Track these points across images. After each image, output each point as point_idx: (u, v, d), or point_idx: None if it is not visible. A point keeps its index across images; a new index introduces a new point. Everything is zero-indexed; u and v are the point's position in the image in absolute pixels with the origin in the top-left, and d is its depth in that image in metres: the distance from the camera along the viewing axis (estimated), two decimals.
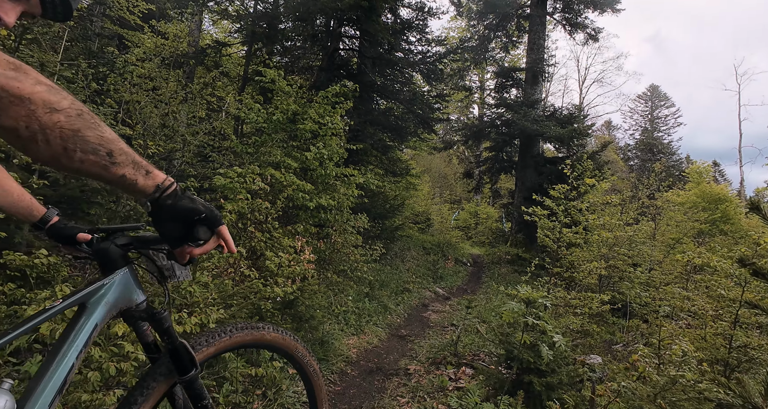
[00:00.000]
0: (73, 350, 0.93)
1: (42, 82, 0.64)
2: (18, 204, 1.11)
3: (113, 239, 1.10)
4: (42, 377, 0.87)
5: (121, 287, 1.06)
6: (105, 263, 1.07)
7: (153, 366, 1.15)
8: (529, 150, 13.10)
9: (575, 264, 6.00)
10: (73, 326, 0.96)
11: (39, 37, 5.20)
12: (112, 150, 0.70)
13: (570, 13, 14.82)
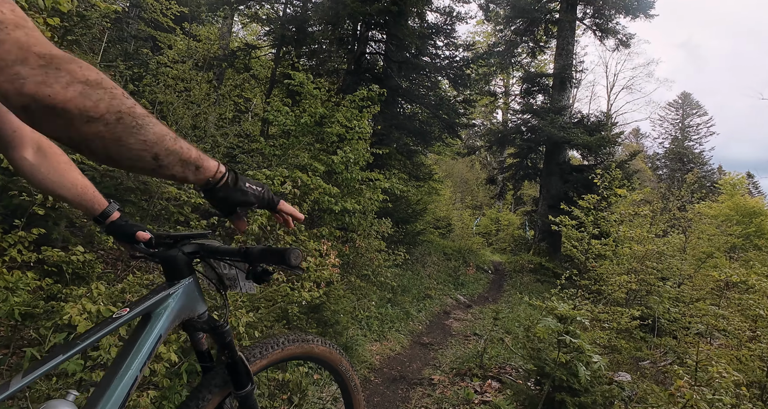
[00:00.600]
0: (137, 362, 0.90)
1: (76, 80, 0.55)
2: (82, 196, 1.11)
3: (181, 247, 1.07)
4: (105, 389, 0.85)
5: (185, 297, 1.04)
6: (171, 270, 1.05)
7: (207, 377, 1.14)
8: (554, 157, 12.86)
9: (604, 277, 5.83)
10: (136, 337, 0.93)
11: (80, 39, 5.37)
12: (157, 153, 0.66)
13: (601, 18, 14.52)
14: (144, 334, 0.94)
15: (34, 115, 0.55)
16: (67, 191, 1.08)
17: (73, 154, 1.08)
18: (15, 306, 2.25)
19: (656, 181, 31.02)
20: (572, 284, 6.31)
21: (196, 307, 1.08)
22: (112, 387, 0.85)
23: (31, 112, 0.54)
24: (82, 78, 0.56)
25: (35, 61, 0.53)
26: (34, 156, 1.02)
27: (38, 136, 1.03)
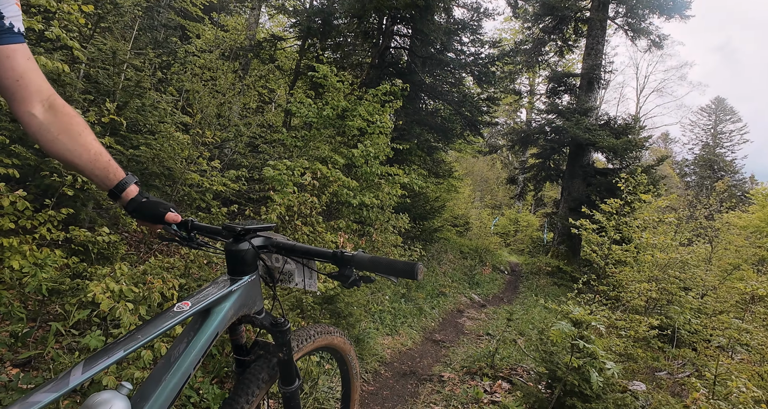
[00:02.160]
0: (192, 358, 0.86)
1: None
2: (94, 163, 0.99)
3: (251, 240, 1.02)
4: (157, 384, 0.81)
5: (246, 294, 1.00)
6: (236, 265, 1.00)
7: (253, 371, 1.09)
8: (578, 159, 12.60)
9: (623, 283, 5.71)
10: (193, 332, 0.89)
11: (112, 26, 5.50)
12: None
13: (633, 17, 14.08)
14: (201, 330, 0.89)
15: None
16: (78, 157, 0.97)
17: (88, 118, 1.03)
18: (43, 282, 2.34)
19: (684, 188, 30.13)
20: (590, 289, 6.19)
21: (255, 303, 1.04)
22: (164, 383, 0.81)
23: None
24: None
25: None
26: (44, 114, 0.92)
27: (50, 92, 0.93)
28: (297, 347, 1.19)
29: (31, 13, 3.50)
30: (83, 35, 4.41)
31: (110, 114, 3.29)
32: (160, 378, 0.82)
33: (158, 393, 0.80)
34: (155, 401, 0.79)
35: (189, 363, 0.85)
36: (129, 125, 3.87)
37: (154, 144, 3.76)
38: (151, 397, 0.79)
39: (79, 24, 4.06)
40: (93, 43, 4.42)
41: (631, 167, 11.56)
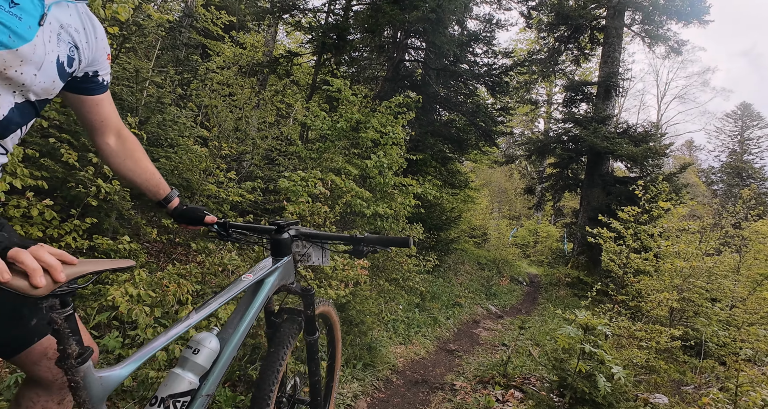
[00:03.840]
0: (253, 312, 1.28)
1: None
2: (149, 181, 1.28)
3: (287, 230, 1.43)
4: (233, 327, 1.24)
5: (284, 269, 1.41)
6: (278, 249, 1.41)
7: (285, 327, 1.47)
8: (597, 168, 12.43)
9: (643, 293, 5.57)
10: (253, 295, 1.31)
11: (136, 46, 5.79)
12: None
13: (650, 24, 13.94)
14: (258, 293, 1.31)
15: None
16: (137, 176, 1.26)
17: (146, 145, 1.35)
18: None
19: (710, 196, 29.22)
20: (609, 299, 6.05)
21: (290, 276, 1.46)
22: (237, 327, 1.23)
23: None
24: None
25: None
26: (115, 142, 1.21)
27: (120, 125, 1.22)
28: None
29: None
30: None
31: (132, 128, 3.46)
32: (234, 324, 1.25)
33: (233, 334, 1.22)
34: (231, 339, 1.21)
35: (251, 316, 1.27)
36: (150, 139, 4.05)
37: (173, 157, 3.92)
38: (230, 336, 1.22)
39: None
40: (118, 63, 4.66)
41: (653, 175, 11.33)
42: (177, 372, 1.15)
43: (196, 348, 1.16)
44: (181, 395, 1.11)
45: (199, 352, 1.15)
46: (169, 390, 1.10)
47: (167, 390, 1.11)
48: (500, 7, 10.92)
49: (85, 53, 1.00)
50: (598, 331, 2.30)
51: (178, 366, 1.17)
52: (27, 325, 0.98)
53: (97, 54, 1.04)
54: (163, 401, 1.08)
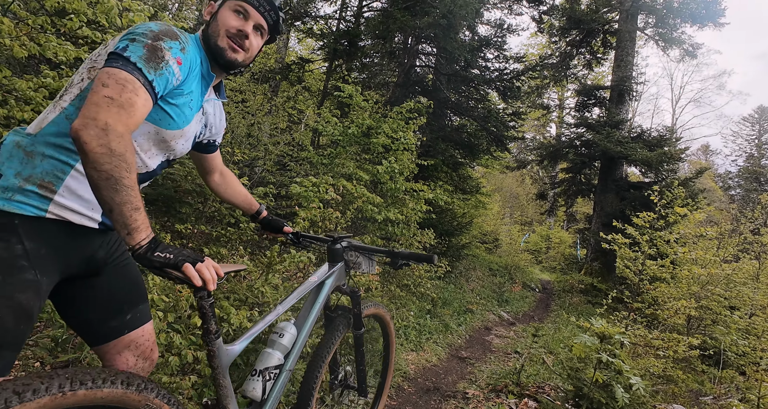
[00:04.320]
0: (319, 305, 1.64)
1: (106, 145, 0.91)
2: (244, 201, 1.74)
3: (341, 242, 1.77)
4: (304, 318, 1.60)
5: (338, 274, 1.74)
6: (334, 256, 1.75)
7: (338, 321, 1.78)
8: (610, 173, 12.26)
9: (659, 301, 5.45)
10: (317, 293, 1.65)
11: None
12: (112, 208, 0.92)
13: (664, 28, 13.77)
14: (321, 292, 1.65)
15: (75, 141, 0.91)
16: (235, 199, 1.72)
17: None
18: None
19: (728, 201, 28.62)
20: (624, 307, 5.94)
21: (342, 279, 1.78)
22: (307, 318, 1.60)
23: (74, 139, 0.91)
24: (110, 145, 0.91)
25: (102, 124, 0.91)
26: (219, 178, 1.66)
27: (222, 167, 1.66)
28: (362, 309, 1.88)
29: (79, 43, 3.81)
30: None
31: None
32: (305, 315, 1.61)
33: (305, 323, 1.58)
34: (304, 326, 1.57)
35: (317, 309, 1.62)
36: None
37: (187, 162, 3.96)
38: (302, 324, 1.58)
39: None
40: None
41: (668, 180, 11.14)
42: (268, 351, 1.48)
43: (281, 333, 1.51)
44: (273, 369, 1.44)
45: (284, 336, 1.50)
46: (264, 364, 1.44)
47: (263, 364, 1.44)
48: (511, 12, 10.90)
49: (211, 130, 1.44)
50: (615, 340, 2.25)
51: (268, 347, 1.49)
52: (123, 318, 1.25)
53: (219, 130, 1.50)
54: (261, 373, 1.42)
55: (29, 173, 1.01)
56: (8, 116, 2.88)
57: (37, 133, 1.05)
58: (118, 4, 3.08)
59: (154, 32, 1.06)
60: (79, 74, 1.10)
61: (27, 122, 2.98)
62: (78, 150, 0.91)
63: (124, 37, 1.04)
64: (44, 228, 1.02)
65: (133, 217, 0.93)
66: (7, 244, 0.97)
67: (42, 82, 2.92)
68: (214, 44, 1.22)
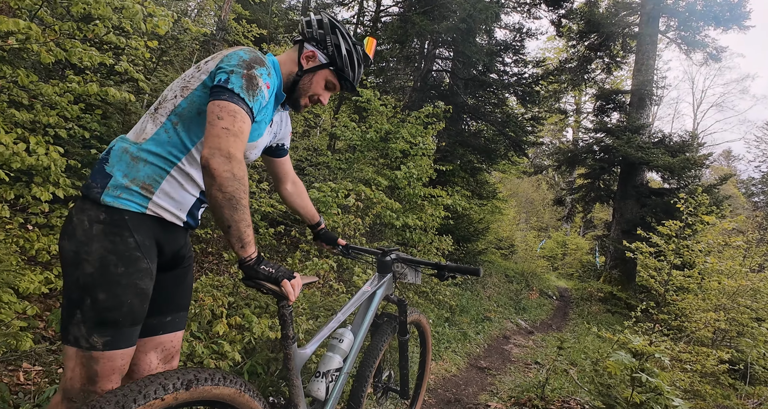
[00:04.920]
0: (371, 313, 1.75)
1: (230, 170, 1.07)
2: (309, 212, 1.85)
3: (389, 255, 1.88)
4: (358, 325, 1.70)
5: (387, 284, 1.85)
6: (383, 267, 1.87)
7: (384, 327, 1.91)
8: (630, 179, 12.01)
9: (686, 312, 5.27)
10: (369, 302, 1.77)
11: (173, 59, 5.94)
12: (230, 226, 1.08)
13: (687, 30, 13.48)
14: (373, 301, 1.77)
15: (203, 168, 1.06)
16: (302, 209, 1.82)
17: None
18: None
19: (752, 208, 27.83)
20: (648, 318, 5.76)
21: (391, 289, 1.89)
22: (361, 325, 1.70)
23: (203, 166, 1.06)
24: (233, 170, 1.06)
25: (225, 153, 1.07)
26: (291, 187, 1.76)
27: (294, 176, 1.77)
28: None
29: (104, 49, 3.84)
30: (147, 68, 4.79)
31: None
32: (359, 323, 1.71)
33: (359, 330, 1.69)
34: (359, 332, 1.68)
35: (369, 317, 1.74)
36: None
37: None
38: (358, 330, 1.69)
39: (144, 58, 4.42)
40: (156, 75, 4.79)
41: (690, 187, 10.87)
42: (329, 355, 1.58)
43: (340, 338, 1.62)
44: (334, 371, 1.55)
45: (343, 341, 1.61)
46: (327, 367, 1.55)
47: (326, 367, 1.55)
48: (530, 16, 10.77)
49: (278, 135, 1.57)
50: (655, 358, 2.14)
51: (329, 350, 1.60)
52: (163, 319, 1.34)
53: (285, 134, 1.61)
54: (324, 375, 1.53)
55: (134, 176, 1.16)
56: (34, 121, 2.90)
57: (141, 143, 1.20)
58: (142, 9, 3.09)
59: (247, 61, 1.20)
60: (171, 91, 1.25)
61: (52, 127, 3.00)
62: (206, 175, 1.06)
63: (223, 70, 1.18)
64: (146, 222, 1.18)
65: (246, 232, 1.08)
66: (123, 238, 1.13)
67: (67, 87, 2.94)
68: (296, 97, 1.42)
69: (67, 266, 1.12)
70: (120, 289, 1.12)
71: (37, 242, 2.56)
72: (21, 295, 2.35)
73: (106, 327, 1.11)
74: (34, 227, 2.64)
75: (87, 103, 3.48)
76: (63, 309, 1.14)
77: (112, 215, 1.14)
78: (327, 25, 1.39)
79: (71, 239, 1.13)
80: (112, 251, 1.12)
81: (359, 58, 1.44)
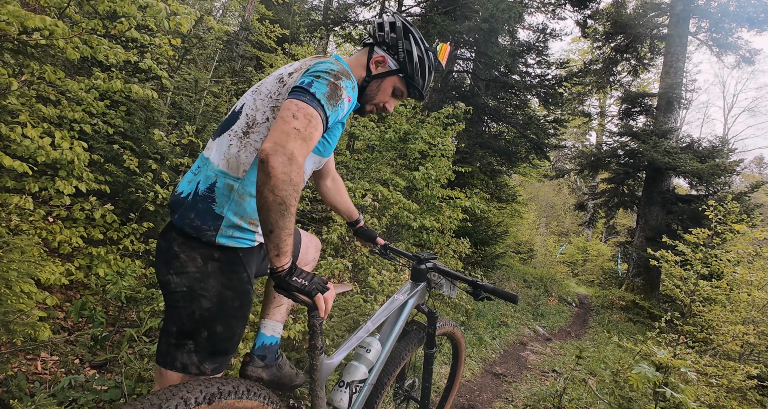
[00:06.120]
0: (401, 323, 1.68)
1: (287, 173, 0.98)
2: (347, 209, 1.82)
3: (425, 263, 1.79)
4: (386, 335, 1.64)
5: (420, 293, 1.77)
6: (418, 276, 1.78)
7: (411, 335, 1.84)
8: (656, 185, 11.65)
9: (714, 325, 5.06)
10: (400, 311, 1.69)
11: (196, 58, 6.03)
12: (272, 231, 1.00)
13: (719, 32, 13.02)
14: (404, 310, 1.69)
15: (262, 162, 0.97)
16: (341, 205, 1.79)
17: None
18: (123, 290, 2.51)
19: None
20: (672, 329, 5.56)
21: (423, 299, 1.81)
22: (389, 334, 1.64)
23: (261, 160, 0.97)
24: (290, 174, 0.98)
25: (289, 153, 0.98)
26: (331, 183, 1.73)
27: (334, 172, 1.74)
28: (437, 328, 1.91)
29: (129, 47, 3.91)
30: (171, 66, 4.87)
31: (189, 136, 3.55)
32: (388, 332, 1.65)
33: (388, 339, 1.63)
34: (387, 342, 1.62)
35: (399, 326, 1.66)
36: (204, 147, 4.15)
37: None
38: (386, 340, 1.63)
39: (168, 56, 4.48)
40: (179, 73, 4.86)
41: (720, 194, 10.48)
42: (355, 364, 1.54)
43: (368, 348, 1.57)
44: (359, 382, 1.51)
45: (370, 351, 1.57)
46: (352, 377, 1.51)
47: (350, 377, 1.51)
48: (554, 16, 10.57)
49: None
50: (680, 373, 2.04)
51: (355, 360, 1.55)
52: None
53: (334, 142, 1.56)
54: (348, 385, 1.49)
55: (242, 213, 1.17)
56: (60, 116, 2.97)
57: (243, 178, 1.18)
58: (165, 7, 3.12)
59: (335, 72, 1.16)
60: (261, 113, 1.20)
61: (77, 122, 3.07)
62: (261, 171, 0.98)
63: (309, 73, 1.14)
64: (253, 254, 1.23)
65: (286, 241, 1.02)
66: (238, 274, 1.17)
67: (93, 83, 3.00)
68: (363, 102, 1.38)
69: (179, 300, 1.13)
70: (235, 321, 1.17)
71: (59, 234, 2.61)
72: (41, 285, 2.40)
73: (219, 356, 1.17)
74: (56, 220, 2.69)
75: (111, 100, 3.55)
76: (167, 335, 1.15)
77: (227, 254, 1.16)
78: (400, 28, 1.33)
79: (181, 275, 1.12)
80: (228, 287, 1.15)
81: (431, 65, 1.38)
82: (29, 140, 2.39)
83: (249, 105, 1.22)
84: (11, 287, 1.90)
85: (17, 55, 2.62)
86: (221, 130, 1.25)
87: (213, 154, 1.22)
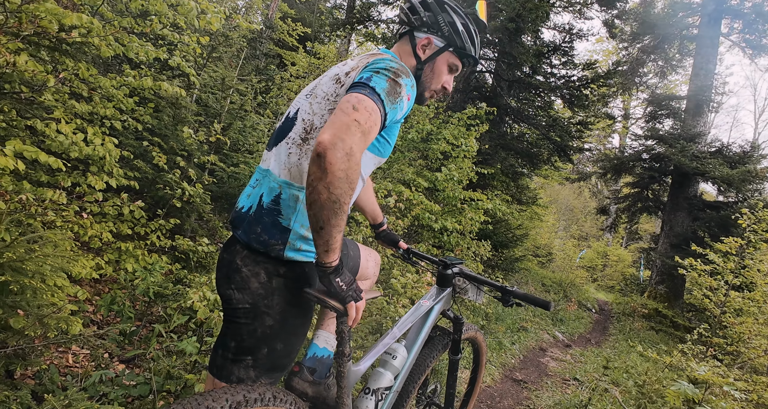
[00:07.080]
0: (427, 329, 1.62)
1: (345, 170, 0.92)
2: (373, 210, 1.75)
3: (452, 268, 1.73)
4: (413, 342, 1.59)
5: (446, 299, 1.72)
6: (443, 281, 1.72)
7: (436, 341, 1.80)
8: (682, 190, 11.33)
9: (745, 338, 4.88)
10: (426, 316, 1.63)
11: (222, 56, 6.08)
12: (323, 227, 0.95)
13: (752, 33, 12.58)
14: (430, 316, 1.64)
15: (318, 156, 0.89)
16: (368, 206, 1.73)
17: None
18: (151, 285, 2.53)
19: None
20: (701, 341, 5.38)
21: (449, 304, 1.77)
22: (415, 340, 1.59)
23: (318, 154, 0.89)
24: (348, 170, 0.91)
25: (348, 148, 0.91)
26: (361, 185, 1.57)
27: None
28: None
29: (159, 44, 3.96)
30: (198, 64, 4.92)
31: (216, 134, 3.58)
32: (413, 338, 1.61)
33: (413, 345, 1.58)
34: (413, 348, 1.57)
35: (425, 332, 1.62)
36: (231, 144, 4.18)
37: (251, 162, 4.01)
38: (411, 346, 1.58)
39: (195, 54, 4.53)
40: (206, 71, 4.91)
41: (750, 201, 10.12)
42: (381, 371, 1.51)
43: (393, 354, 1.53)
44: (385, 389, 1.47)
45: (396, 358, 1.53)
46: (378, 384, 1.48)
47: (376, 384, 1.48)
48: (581, 16, 10.35)
49: None
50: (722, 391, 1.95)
51: (380, 367, 1.53)
52: None
53: None
54: (374, 392, 1.46)
55: (308, 224, 1.11)
56: (92, 112, 3.01)
57: None
58: (196, 6, 3.14)
59: (395, 69, 1.10)
60: (319, 117, 1.14)
61: (108, 118, 3.12)
62: (316, 165, 0.90)
63: (368, 69, 1.09)
64: (314, 267, 1.14)
65: (336, 238, 0.97)
66: (301, 290, 1.13)
67: (124, 80, 3.04)
68: (421, 91, 1.30)
69: (240, 316, 1.10)
70: (295, 338, 1.16)
71: (90, 228, 2.65)
72: (73, 279, 2.43)
73: (276, 371, 1.16)
74: (88, 215, 2.74)
75: (141, 97, 3.59)
76: (224, 349, 1.12)
77: (293, 269, 1.13)
78: (433, 4, 1.26)
79: (244, 291, 1.10)
80: (293, 304, 1.13)
81: (475, 28, 1.30)
82: (63, 136, 2.42)
83: (305, 110, 1.17)
84: (45, 281, 1.93)
85: (53, 52, 2.66)
86: (277, 139, 1.20)
87: (272, 164, 1.17)
